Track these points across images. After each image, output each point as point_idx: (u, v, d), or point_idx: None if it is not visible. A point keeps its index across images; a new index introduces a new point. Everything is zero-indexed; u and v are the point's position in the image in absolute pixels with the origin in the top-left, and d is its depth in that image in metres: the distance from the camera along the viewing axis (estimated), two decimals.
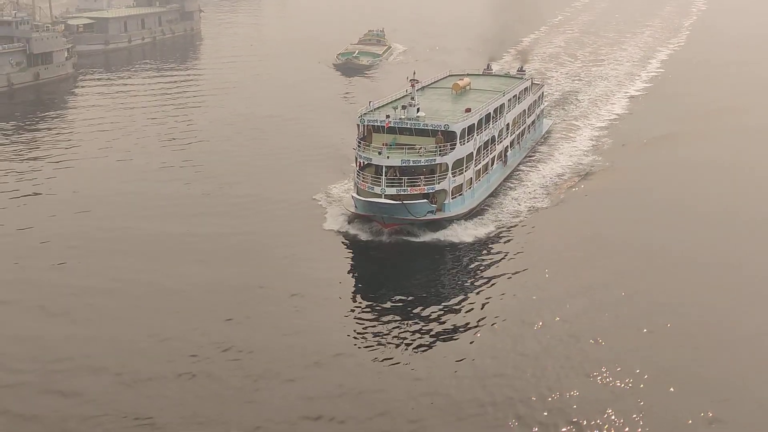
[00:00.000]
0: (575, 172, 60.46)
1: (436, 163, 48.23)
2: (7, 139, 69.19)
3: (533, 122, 68.05)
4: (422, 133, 49.67)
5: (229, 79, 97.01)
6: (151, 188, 55.26)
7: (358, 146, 48.85)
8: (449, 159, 48.65)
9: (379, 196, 46.18)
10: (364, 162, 48.33)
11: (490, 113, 55.33)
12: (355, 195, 47.44)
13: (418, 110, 50.52)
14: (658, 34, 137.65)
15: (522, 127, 63.95)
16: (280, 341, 35.56)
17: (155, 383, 32.26)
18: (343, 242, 46.89)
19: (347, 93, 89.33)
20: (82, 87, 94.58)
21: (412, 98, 50.97)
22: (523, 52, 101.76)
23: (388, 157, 47.01)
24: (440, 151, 48.39)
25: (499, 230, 48.89)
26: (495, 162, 56.70)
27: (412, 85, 51.51)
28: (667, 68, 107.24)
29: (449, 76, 67.82)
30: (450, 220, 48.49)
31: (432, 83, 64.09)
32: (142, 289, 40.17)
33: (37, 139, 69.36)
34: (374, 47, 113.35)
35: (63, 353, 34.17)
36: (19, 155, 63.78)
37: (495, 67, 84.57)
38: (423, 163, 47.87)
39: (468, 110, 52.67)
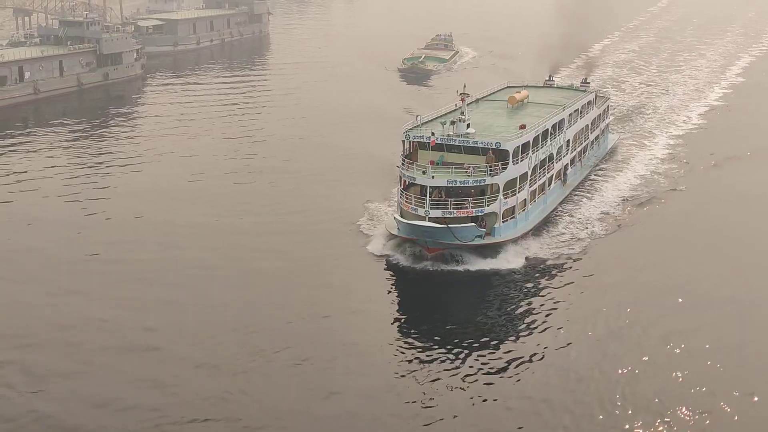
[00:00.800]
0: (642, 192, 57.00)
1: (485, 183, 45.73)
2: (77, 136, 71.78)
3: (597, 138, 64.62)
4: (471, 151, 47.13)
5: (295, 82, 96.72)
6: (217, 189, 56.65)
7: (403, 164, 46.51)
8: (500, 179, 46.01)
9: (422, 218, 43.87)
10: (408, 181, 46.19)
11: (548, 129, 52.31)
12: (397, 216, 44.98)
13: (468, 126, 48.08)
14: (740, 40, 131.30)
15: (584, 144, 60.66)
16: (330, 359, 35.18)
17: (203, 380, 33.11)
18: (385, 265, 44.86)
19: (410, 100, 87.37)
20: (151, 88, 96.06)
21: (462, 113, 48.55)
22: (588, 62, 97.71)
23: (433, 177, 44.52)
24: (491, 170, 45.86)
25: (554, 257, 46.07)
26: (553, 181, 53.76)
27: (462, 99, 48.98)
28: (748, 77, 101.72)
29: (507, 87, 64.64)
30: (500, 245, 45.89)
31: (487, 95, 61.17)
32: (203, 282, 41.87)
33: (106, 138, 71.44)
34: (441, 52, 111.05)
35: (134, 341, 36.09)
36: (89, 153, 66.03)
37: (562, 74, 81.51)
38: (471, 184, 45.46)
39: (523, 127, 49.90)
